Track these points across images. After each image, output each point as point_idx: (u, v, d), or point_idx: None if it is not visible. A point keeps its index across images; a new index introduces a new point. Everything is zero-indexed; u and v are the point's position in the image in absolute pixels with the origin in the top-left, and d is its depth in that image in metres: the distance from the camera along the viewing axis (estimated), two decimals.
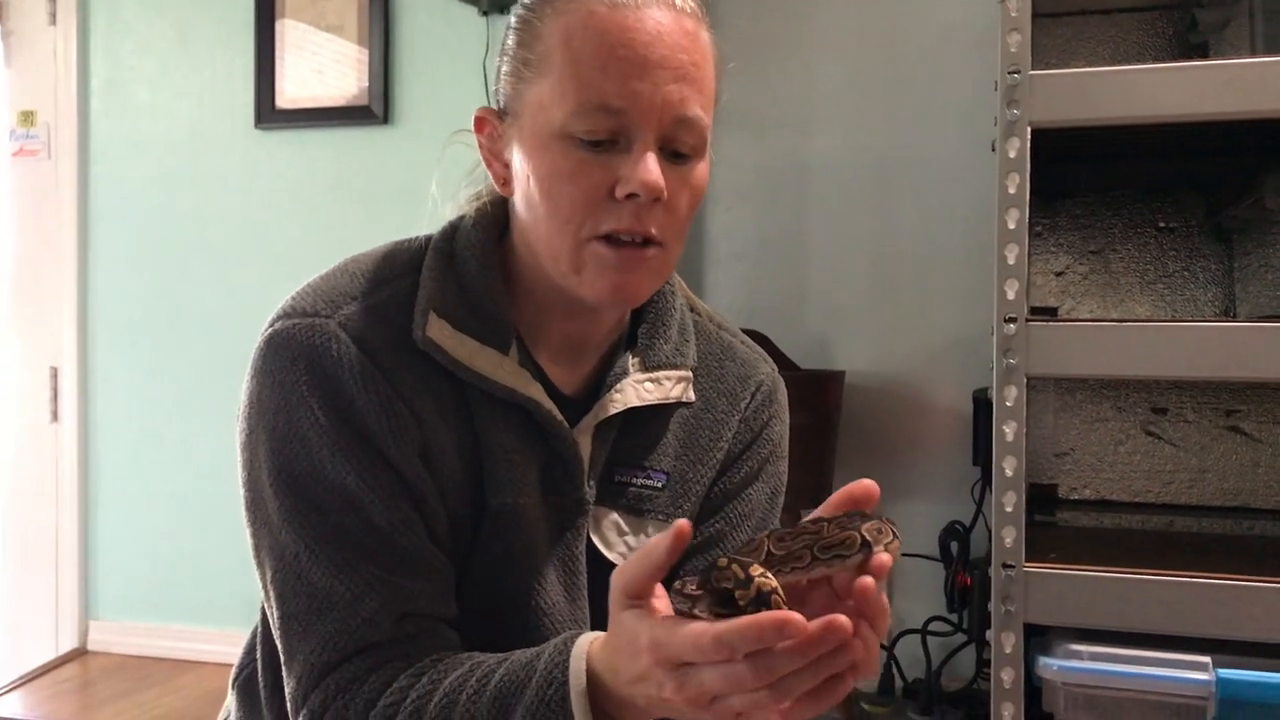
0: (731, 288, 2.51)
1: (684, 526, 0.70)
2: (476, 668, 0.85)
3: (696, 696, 0.70)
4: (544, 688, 0.79)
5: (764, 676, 0.66)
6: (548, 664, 0.80)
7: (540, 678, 0.80)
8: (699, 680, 0.69)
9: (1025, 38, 1.59)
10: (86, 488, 2.95)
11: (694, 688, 0.69)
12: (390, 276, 0.97)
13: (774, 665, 0.66)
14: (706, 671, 0.68)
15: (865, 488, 0.75)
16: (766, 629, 0.65)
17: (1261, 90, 1.53)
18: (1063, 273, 2.27)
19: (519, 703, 0.80)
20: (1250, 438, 2.14)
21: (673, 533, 0.70)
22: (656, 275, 0.94)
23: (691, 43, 0.90)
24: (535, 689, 0.80)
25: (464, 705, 0.82)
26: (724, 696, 0.69)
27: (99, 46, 2.94)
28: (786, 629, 0.65)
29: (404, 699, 0.85)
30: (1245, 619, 1.51)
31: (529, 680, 0.80)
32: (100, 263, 2.94)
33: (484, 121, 0.97)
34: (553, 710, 0.78)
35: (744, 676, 0.67)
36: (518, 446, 0.95)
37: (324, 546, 0.89)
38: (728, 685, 0.68)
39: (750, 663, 0.66)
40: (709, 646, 0.67)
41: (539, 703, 0.79)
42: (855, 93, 2.45)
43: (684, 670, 0.70)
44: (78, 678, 2.75)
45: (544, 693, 0.79)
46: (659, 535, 0.72)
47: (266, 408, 0.91)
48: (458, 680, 0.84)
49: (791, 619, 0.65)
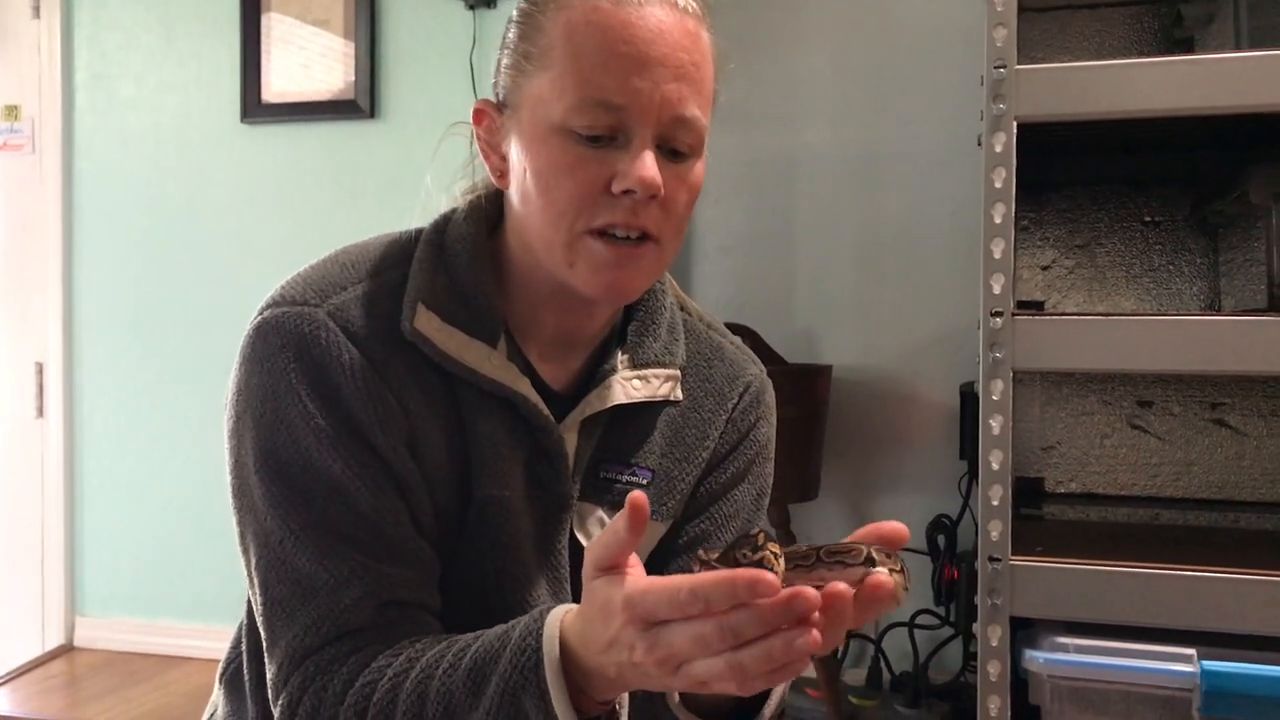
0: (719, 282, 2.51)
1: (638, 498, 0.71)
2: (453, 644, 0.85)
3: (665, 658, 0.70)
4: (518, 655, 0.80)
5: (728, 638, 0.67)
6: (522, 633, 0.81)
7: (514, 646, 0.80)
8: (669, 640, 0.70)
9: (1011, 32, 1.59)
10: (72, 483, 2.94)
11: (664, 648, 0.70)
12: (381, 267, 0.97)
13: (739, 628, 0.67)
14: (676, 631, 0.69)
15: (894, 528, 0.75)
16: (740, 583, 0.67)
17: (1246, 85, 1.54)
18: (1049, 267, 2.27)
19: (494, 672, 0.80)
20: (1235, 431, 2.15)
21: (628, 506, 0.71)
22: (650, 272, 0.94)
23: (693, 42, 0.90)
24: (509, 658, 0.80)
25: (440, 679, 0.83)
26: (690, 660, 0.70)
27: (83, 40, 2.92)
28: (758, 585, 0.66)
29: (381, 677, 0.85)
30: (1230, 611, 1.51)
31: (503, 650, 0.81)
32: (85, 258, 2.93)
33: (482, 114, 0.97)
34: (526, 678, 0.78)
35: (710, 637, 0.68)
36: (504, 439, 0.96)
37: (309, 532, 0.89)
38: (695, 646, 0.69)
39: (717, 624, 0.67)
40: (685, 598, 0.68)
41: (513, 670, 0.79)
42: (842, 87, 2.46)
43: (655, 630, 0.71)
44: (65, 674, 2.74)
45: (518, 660, 0.79)
46: (620, 513, 0.73)
47: (254, 394, 0.91)
48: (434, 656, 0.85)
49: (764, 576, 0.66)
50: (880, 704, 2.15)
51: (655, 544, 1.05)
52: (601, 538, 0.74)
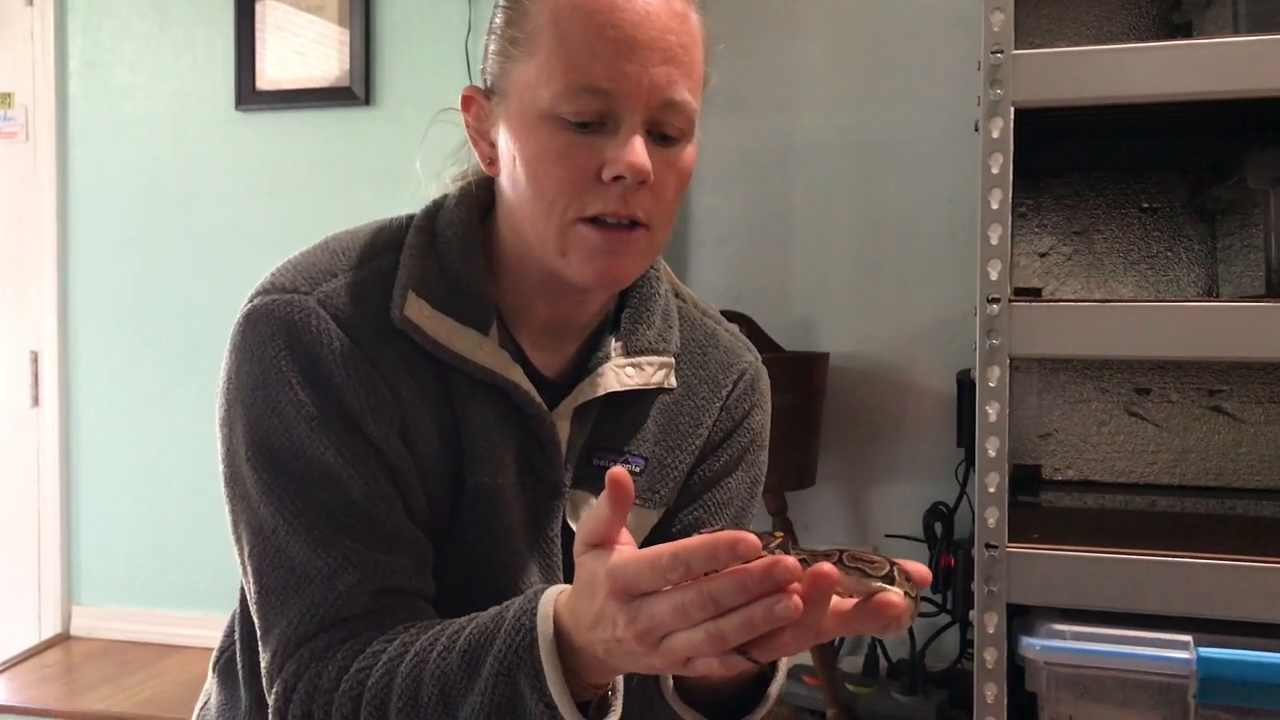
0: (716, 270, 2.51)
1: (617, 474, 0.71)
2: (447, 627, 0.85)
3: (646, 631, 0.69)
4: (512, 635, 0.79)
5: (708, 606, 0.66)
6: (516, 613, 0.80)
7: (509, 626, 0.80)
8: (649, 612, 0.69)
9: (1008, 17, 1.59)
10: (68, 473, 2.93)
11: (644, 620, 0.69)
12: (371, 254, 0.96)
13: (719, 595, 0.66)
14: (657, 602, 0.69)
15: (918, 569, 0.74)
16: (720, 543, 0.66)
17: (1244, 70, 1.53)
18: (1046, 253, 2.27)
19: (488, 653, 0.80)
20: (1233, 418, 2.15)
21: (609, 482, 0.71)
22: (642, 258, 0.93)
23: (681, 25, 0.89)
24: (504, 638, 0.79)
25: (435, 662, 0.82)
26: (671, 634, 0.69)
27: (77, 27, 2.91)
28: (739, 545, 0.65)
29: (375, 662, 0.85)
30: (1227, 598, 1.51)
31: (498, 631, 0.80)
32: (80, 246, 2.92)
33: (471, 100, 0.97)
34: (520, 658, 0.78)
35: (690, 605, 0.67)
36: (496, 427, 0.95)
37: (302, 521, 0.89)
38: (675, 617, 0.68)
39: (697, 590, 0.67)
40: (666, 563, 0.68)
41: (508, 650, 0.79)
42: (839, 73, 2.45)
43: (637, 603, 0.70)
44: (61, 663, 2.74)
45: (512, 640, 0.79)
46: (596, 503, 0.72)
47: (244, 383, 0.91)
48: (429, 640, 0.84)
49: (744, 537, 0.66)
50: (877, 691, 2.15)
51: (649, 532, 1.04)
52: (590, 515, 0.74)
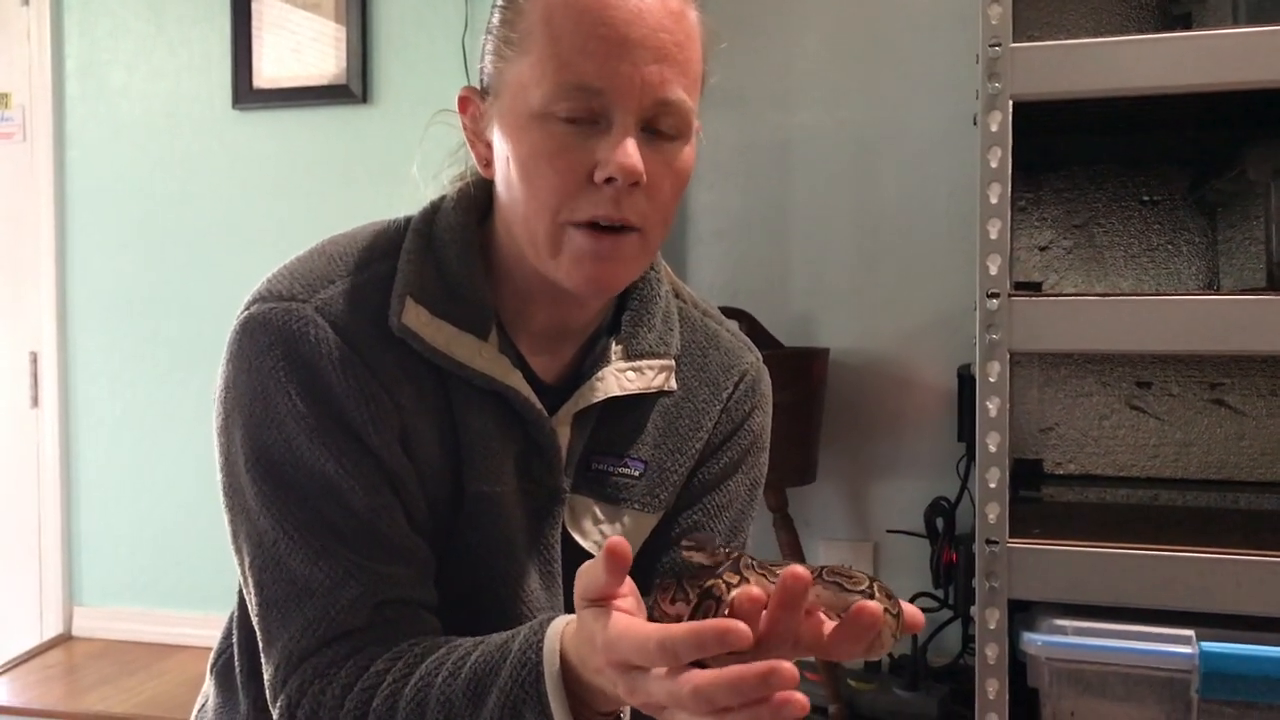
0: (714, 266, 2.50)
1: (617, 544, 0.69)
2: (452, 650, 0.84)
3: (646, 703, 0.70)
4: (518, 669, 0.79)
5: (704, 707, 0.65)
6: (522, 646, 0.80)
7: (515, 659, 0.79)
8: (647, 689, 0.68)
9: (1006, 10, 1.58)
10: (68, 473, 2.93)
11: (643, 695, 0.69)
12: (368, 260, 0.95)
13: (715, 700, 0.64)
14: (654, 684, 0.68)
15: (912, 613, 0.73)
16: (707, 635, 0.64)
17: (1244, 61, 1.52)
18: (1047, 247, 2.26)
19: (494, 684, 0.80)
20: (1235, 411, 2.14)
21: (606, 553, 0.69)
22: (636, 263, 0.92)
23: (675, 22, 0.87)
24: (510, 670, 0.79)
25: (440, 688, 0.82)
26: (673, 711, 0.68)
27: (73, 27, 2.90)
28: (728, 636, 0.64)
29: (380, 683, 0.84)
30: (1229, 592, 1.51)
31: (504, 661, 0.80)
32: (78, 246, 2.91)
33: (467, 101, 0.96)
34: (527, 692, 0.78)
35: (685, 700, 0.65)
36: (496, 434, 0.94)
37: (303, 533, 0.88)
38: (671, 701, 0.67)
39: (693, 689, 0.65)
40: (654, 651, 0.66)
41: (514, 684, 0.78)
42: (837, 67, 2.44)
43: (634, 675, 0.69)
44: (63, 663, 2.74)
45: (518, 674, 0.78)
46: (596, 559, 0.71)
47: (242, 393, 0.90)
48: (434, 663, 0.84)
49: (733, 626, 0.63)
50: (879, 687, 2.14)
51: (648, 534, 1.04)
52: (587, 572, 0.73)
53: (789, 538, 2.20)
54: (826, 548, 2.41)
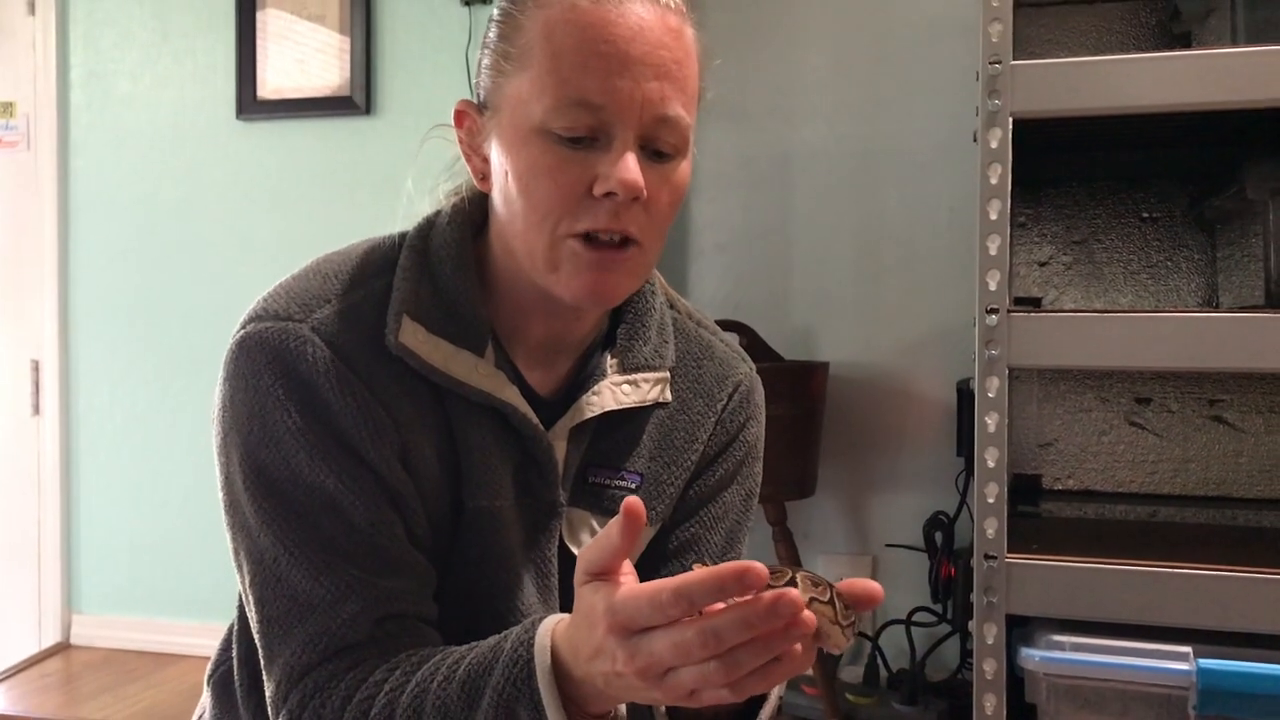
0: (715, 279, 2.51)
1: (633, 504, 0.69)
2: (447, 656, 0.85)
3: (647, 666, 0.69)
4: (510, 666, 0.79)
5: (712, 646, 0.66)
6: (514, 644, 0.80)
7: (507, 657, 0.79)
8: (649, 649, 0.68)
9: (1007, 27, 1.59)
10: (69, 481, 2.93)
11: (644, 657, 0.69)
12: (364, 277, 0.95)
13: (723, 635, 0.65)
14: (658, 639, 0.68)
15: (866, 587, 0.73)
16: (726, 576, 0.65)
17: (1243, 80, 1.53)
18: (1046, 263, 2.26)
19: (487, 684, 0.80)
20: (1233, 427, 2.15)
21: (623, 511, 0.70)
22: (634, 275, 0.92)
23: (675, 40, 0.88)
24: (502, 669, 0.79)
25: (435, 693, 0.82)
26: (675, 669, 0.68)
27: (78, 37, 2.92)
28: (746, 576, 0.64)
29: (377, 692, 0.84)
30: (1227, 609, 1.51)
31: (496, 661, 0.80)
32: (81, 255, 2.92)
33: (464, 115, 0.96)
34: (519, 689, 0.78)
35: (692, 646, 0.66)
36: (494, 449, 0.94)
37: (303, 549, 0.88)
38: (677, 655, 0.67)
39: (698, 629, 0.66)
40: (667, 599, 0.67)
41: (506, 682, 0.78)
42: (838, 82, 2.45)
43: (636, 639, 0.69)
44: (61, 672, 2.74)
45: (510, 671, 0.78)
46: (615, 519, 0.71)
47: (240, 412, 0.90)
48: (430, 670, 0.84)
49: (751, 566, 0.64)
50: (877, 701, 2.14)
51: (645, 548, 1.04)
52: (595, 543, 0.73)
53: (788, 551, 2.20)
54: (825, 561, 2.41)
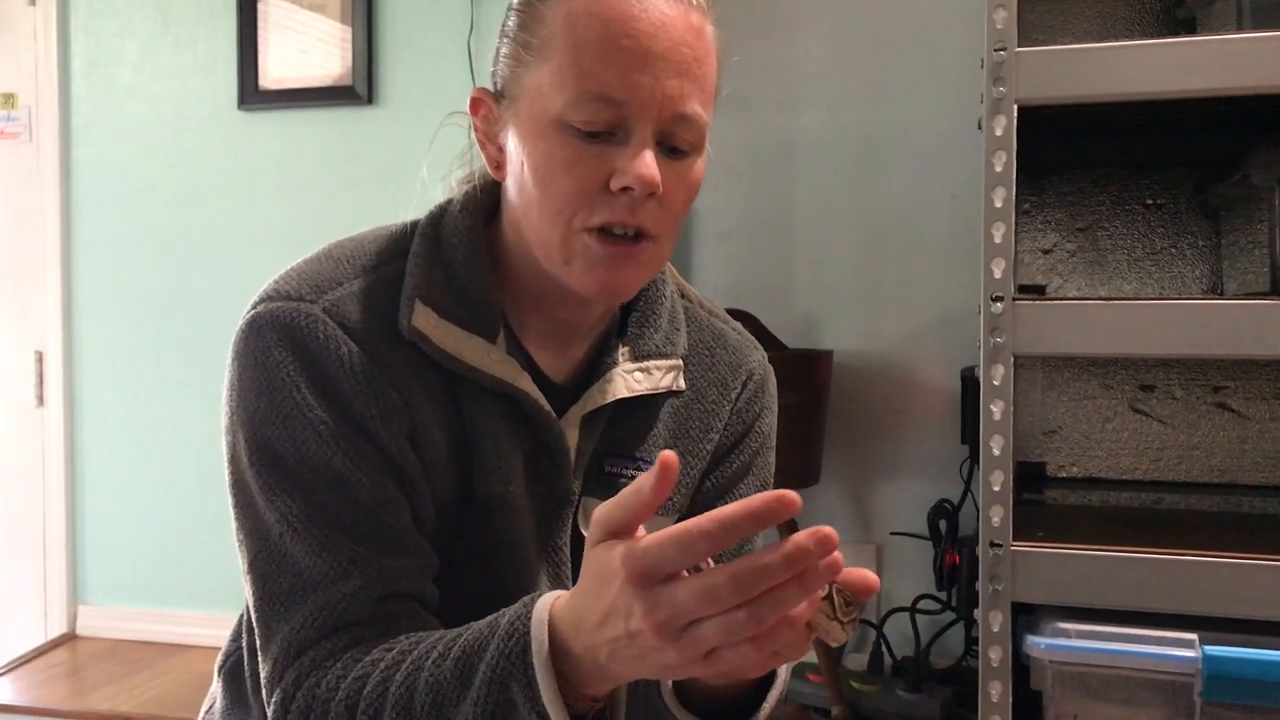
0: (719, 268, 2.50)
1: (669, 457, 0.65)
2: (444, 634, 0.84)
3: (669, 619, 0.65)
4: (505, 642, 0.77)
5: (744, 590, 0.63)
6: (510, 620, 0.78)
7: (502, 633, 0.78)
8: (673, 598, 0.65)
9: (1011, 14, 1.58)
10: (73, 472, 2.94)
11: (666, 608, 0.65)
12: (376, 262, 0.95)
13: (763, 574, 0.63)
14: (681, 588, 0.64)
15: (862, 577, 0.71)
16: (770, 500, 0.62)
17: (1248, 66, 1.53)
18: (1050, 250, 2.26)
19: (481, 661, 0.78)
20: (1238, 414, 2.15)
21: (659, 464, 0.65)
22: (647, 270, 0.93)
23: (696, 37, 0.88)
24: (496, 645, 0.77)
25: (429, 670, 0.81)
26: (697, 622, 0.65)
27: (79, 27, 2.91)
28: (782, 501, 0.62)
29: (373, 670, 0.84)
30: (1233, 596, 1.51)
31: (491, 638, 0.79)
32: (84, 246, 2.92)
33: (480, 103, 0.96)
34: (513, 664, 0.76)
35: (723, 590, 0.63)
36: (505, 435, 0.95)
37: (307, 525, 0.88)
38: (705, 602, 0.64)
39: (731, 575, 0.63)
40: (709, 528, 0.63)
41: (500, 657, 0.77)
42: (842, 70, 2.44)
43: (657, 589, 0.65)
44: (67, 663, 2.74)
45: (505, 646, 0.76)
46: (645, 473, 0.67)
47: (249, 389, 0.90)
48: (425, 648, 0.83)
49: (785, 494, 0.62)
50: (882, 689, 2.14)
51: None
52: (617, 499, 0.69)
53: None
54: None
